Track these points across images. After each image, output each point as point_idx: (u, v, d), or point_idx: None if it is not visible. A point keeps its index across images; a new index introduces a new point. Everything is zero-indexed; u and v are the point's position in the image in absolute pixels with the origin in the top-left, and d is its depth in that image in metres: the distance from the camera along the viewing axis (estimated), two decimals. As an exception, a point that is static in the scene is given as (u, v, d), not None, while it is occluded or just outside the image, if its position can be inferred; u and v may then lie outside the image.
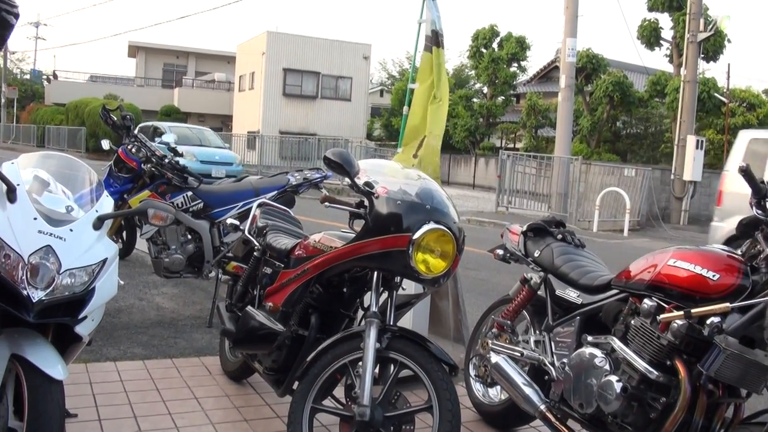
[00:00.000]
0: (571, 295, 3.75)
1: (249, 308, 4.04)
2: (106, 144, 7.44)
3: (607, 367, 3.20)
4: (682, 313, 2.86)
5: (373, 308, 3.29)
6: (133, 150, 6.81)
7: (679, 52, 25.03)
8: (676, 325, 2.88)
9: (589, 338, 3.42)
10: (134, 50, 56.26)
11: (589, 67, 28.48)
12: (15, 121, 53.95)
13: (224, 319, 4.47)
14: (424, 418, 3.33)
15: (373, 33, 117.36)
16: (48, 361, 2.73)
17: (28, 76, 63.12)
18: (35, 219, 2.83)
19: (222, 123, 48.72)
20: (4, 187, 2.87)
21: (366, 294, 3.60)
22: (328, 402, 3.48)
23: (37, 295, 2.70)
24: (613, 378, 3.11)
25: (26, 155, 3.27)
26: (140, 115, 36.09)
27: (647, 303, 3.07)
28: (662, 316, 2.96)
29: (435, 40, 5.50)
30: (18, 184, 2.90)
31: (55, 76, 56.58)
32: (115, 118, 7.25)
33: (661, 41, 27.01)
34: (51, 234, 2.81)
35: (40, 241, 2.77)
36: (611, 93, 27.53)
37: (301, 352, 3.59)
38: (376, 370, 3.23)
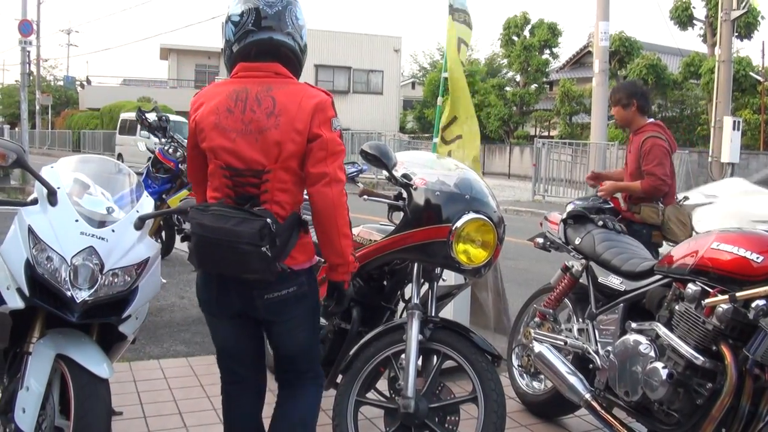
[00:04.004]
0: (614, 281, 3.70)
1: (290, 303, 4.03)
2: (142, 146, 7.52)
3: (652, 353, 3.16)
4: (726, 297, 2.82)
5: (415, 300, 3.28)
6: (171, 150, 6.87)
7: (712, 31, 24.73)
8: (721, 309, 2.84)
9: (633, 325, 3.39)
10: (166, 52, 56.59)
11: (623, 50, 28.24)
12: (50, 127, 54.52)
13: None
14: (469, 409, 3.33)
15: (403, 25, 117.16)
16: (93, 360, 2.77)
17: (61, 83, 63.56)
18: (77, 221, 2.85)
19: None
20: (45, 191, 2.90)
21: (407, 286, 3.60)
22: (371, 395, 3.48)
23: (81, 295, 2.72)
24: (659, 365, 3.07)
25: (65, 159, 3.30)
26: (175, 116, 36.35)
27: (691, 288, 3.03)
28: (707, 300, 2.92)
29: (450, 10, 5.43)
30: (58, 188, 2.93)
31: (88, 81, 57.14)
32: (151, 120, 7.32)
33: (694, 21, 26.69)
34: (93, 235, 2.82)
35: (83, 242, 2.79)
36: (645, 76, 27.19)
37: (344, 345, 3.60)
38: (420, 362, 3.23)
